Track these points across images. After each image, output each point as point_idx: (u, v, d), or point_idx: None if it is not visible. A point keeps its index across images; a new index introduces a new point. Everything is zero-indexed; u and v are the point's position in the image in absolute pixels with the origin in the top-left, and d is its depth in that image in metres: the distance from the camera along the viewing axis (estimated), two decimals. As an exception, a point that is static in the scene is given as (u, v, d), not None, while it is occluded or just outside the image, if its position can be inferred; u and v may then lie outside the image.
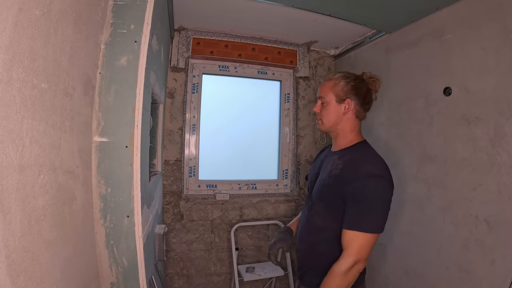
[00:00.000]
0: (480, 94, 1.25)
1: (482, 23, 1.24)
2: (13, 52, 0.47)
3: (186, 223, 2.06)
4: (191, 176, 2.14)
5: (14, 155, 0.49)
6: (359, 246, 0.93)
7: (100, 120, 0.87)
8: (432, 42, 1.49)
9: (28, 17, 0.51)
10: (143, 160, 0.94)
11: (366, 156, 1.02)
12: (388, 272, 1.71)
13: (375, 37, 1.89)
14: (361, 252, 0.93)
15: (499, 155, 1.16)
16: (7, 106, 0.46)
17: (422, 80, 1.54)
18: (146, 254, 0.95)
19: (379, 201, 0.94)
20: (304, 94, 2.36)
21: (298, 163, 2.35)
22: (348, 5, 1.53)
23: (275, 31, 2.07)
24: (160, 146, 1.72)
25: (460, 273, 1.28)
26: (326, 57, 2.42)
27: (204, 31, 2.06)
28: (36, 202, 0.55)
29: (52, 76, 0.61)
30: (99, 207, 0.87)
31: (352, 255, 0.93)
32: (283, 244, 1.21)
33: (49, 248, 0.60)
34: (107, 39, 0.90)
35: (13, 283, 0.47)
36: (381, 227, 0.94)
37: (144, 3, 0.93)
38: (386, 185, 0.96)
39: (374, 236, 0.93)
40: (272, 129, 2.38)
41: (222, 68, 2.20)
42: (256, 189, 2.29)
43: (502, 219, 1.14)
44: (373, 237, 0.93)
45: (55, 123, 0.63)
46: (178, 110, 2.07)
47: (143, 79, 0.90)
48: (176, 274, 2.07)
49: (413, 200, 1.56)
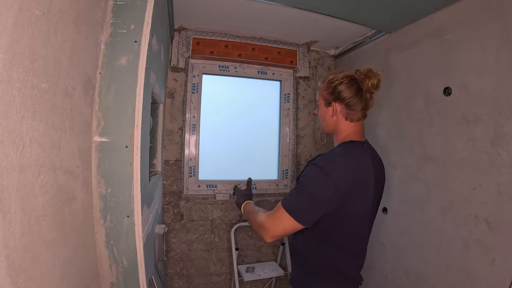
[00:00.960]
0: (480, 94, 1.25)
1: (482, 23, 1.24)
2: (13, 52, 0.47)
3: (186, 223, 2.06)
4: (191, 176, 2.14)
5: (14, 155, 0.49)
6: (274, 215, 0.97)
7: (100, 120, 0.87)
8: (432, 42, 1.49)
9: (28, 17, 0.51)
10: (143, 160, 0.94)
11: (328, 152, 1.01)
12: (388, 272, 1.71)
13: (375, 37, 1.89)
14: (271, 220, 0.97)
15: (499, 155, 1.16)
16: (7, 106, 0.46)
17: (422, 80, 1.54)
18: (146, 254, 0.95)
19: (305, 187, 0.93)
20: (304, 94, 2.36)
21: (298, 163, 2.35)
22: (348, 5, 1.53)
23: (275, 31, 2.07)
24: (160, 146, 1.72)
25: (460, 273, 1.28)
26: (326, 57, 2.42)
27: (204, 31, 2.06)
28: (36, 202, 0.55)
29: (52, 76, 0.61)
30: (99, 207, 0.87)
31: (267, 219, 0.98)
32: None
33: (49, 248, 0.60)
34: (107, 39, 0.90)
35: (13, 283, 0.47)
36: (297, 212, 0.91)
37: (144, 3, 0.93)
38: (321, 177, 0.91)
39: (288, 217, 0.92)
40: (272, 129, 2.37)
41: (222, 68, 2.20)
42: (256, 189, 2.29)
43: (502, 219, 1.14)
44: (287, 217, 0.92)
45: (55, 123, 0.63)
46: (178, 110, 2.07)
47: (143, 79, 0.90)
48: (176, 274, 2.07)
49: (413, 200, 1.56)
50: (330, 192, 0.90)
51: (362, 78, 1.01)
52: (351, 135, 1.04)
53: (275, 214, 0.96)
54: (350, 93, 1.01)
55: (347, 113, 1.03)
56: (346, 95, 1.01)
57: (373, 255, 1.77)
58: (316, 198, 0.92)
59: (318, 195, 0.91)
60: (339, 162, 0.94)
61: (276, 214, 0.96)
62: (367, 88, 1.00)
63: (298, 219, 0.91)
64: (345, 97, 1.01)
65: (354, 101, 1.01)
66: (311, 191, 0.92)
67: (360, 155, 1.00)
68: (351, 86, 1.01)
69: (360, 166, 0.97)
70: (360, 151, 1.02)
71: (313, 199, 0.92)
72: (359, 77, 1.02)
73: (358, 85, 1.02)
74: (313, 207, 0.92)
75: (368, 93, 1.02)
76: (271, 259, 2.25)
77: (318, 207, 0.92)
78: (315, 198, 0.92)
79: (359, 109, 1.02)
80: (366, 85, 1.00)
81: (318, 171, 0.92)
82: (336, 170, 0.91)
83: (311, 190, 0.92)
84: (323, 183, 0.91)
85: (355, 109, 1.02)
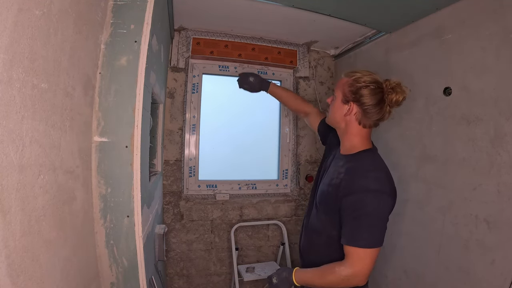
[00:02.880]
0: (480, 94, 1.25)
1: (482, 23, 1.24)
2: (13, 52, 0.47)
3: (186, 223, 2.06)
4: (191, 176, 2.14)
5: (14, 155, 0.49)
6: (358, 259, 0.91)
7: (100, 120, 0.87)
8: (432, 42, 1.49)
9: (28, 17, 0.51)
10: (143, 160, 0.94)
11: (364, 169, 0.97)
12: (388, 272, 1.71)
13: (375, 37, 1.89)
14: (360, 264, 0.90)
15: (499, 155, 1.16)
16: (7, 106, 0.46)
17: (422, 80, 1.54)
18: (146, 254, 0.95)
19: (376, 216, 0.91)
20: (304, 94, 2.36)
21: (298, 163, 2.35)
22: (348, 5, 1.53)
23: (275, 31, 2.07)
24: (160, 146, 1.72)
25: (460, 273, 1.28)
26: (326, 57, 2.41)
27: (204, 31, 2.06)
28: (36, 202, 0.55)
29: (52, 76, 0.61)
30: (99, 207, 0.87)
31: (353, 267, 0.91)
32: None
33: (49, 248, 0.60)
34: (107, 39, 0.90)
35: (13, 283, 0.47)
36: (379, 241, 0.91)
37: (144, 3, 0.93)
38: (383, 199, 0.91)
39: (373, 251, 0.90)
40: (272, 129, 2.37)
41: (222, 68, 2.20)
42: (256, 189, 2.29)
43: (502, 219, 1.14)
44: (372, 251, 0.90)
45: (55, 123, 0.63)
46: (178, 110, 2.07)
47: (143, 79, 0.90)
48: (176, 274, 2.07)
49: (413, 200, 1.56)
50: (392, 205, 0.94)
51: (389, 90, 0.97)
52: (365, 142, 1.03)
53: (358, 257, 0.91)
54: (371, 101, 0.97)
55: (361, 117, 1.00)
56: (367, 101, 0.98)
57: (373, 255, 1.77)
58: (385, 218, 0.94)
59: (387, 215, 0.94)
60: (383, 176, 0.95)
61: (359, 257, 0.91)
62: (389, 102, 0.97)
63: (380, 245, 0.92)
64: (365, 103, 0.98)
65: (372, 110, 0.98)
66: (379, 217, 0.92)
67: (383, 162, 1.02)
68: (375, 94, 0.97)
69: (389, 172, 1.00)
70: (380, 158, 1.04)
71: (383, 221, 0.93)
72: (386, 87, 0.98)
73: (383, 95, 0.97)
74: (385, 226, 0.93)
75: (389, 106, 0.98)
76: (271, 259, 2.25)
77: (386, 223, 0.94)
78: (384, 218, 0.93)
79: (374, 119, 1.00)
80: (390, 99, 0.97)
81: (375, 195, 0.91)
82: (386, 184, 0.94)
83: (380, 216, 0.92)
84: (386, 202, 0.92)
85: (371, 118, 1.00)
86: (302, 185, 2.33)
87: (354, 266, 0.91)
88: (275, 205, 2.24)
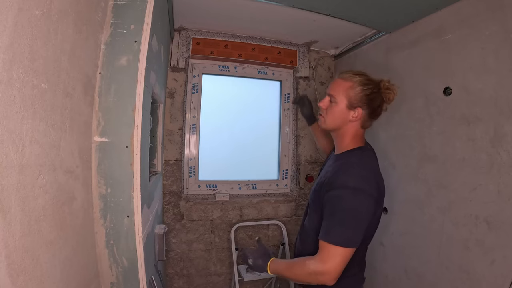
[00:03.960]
0: (480, 94, 1.25)
1: (482, 23, 1.24)
2: (13, 52, 0.47)
3: (186, 223, 2.06)
4: (191, 176, 2.14)
5: (14, 155, 0.49)
6: (328, 256, 0.87)
7: (100, 120, 0.87)
8: (432, 42, 1.49)
9: (28, 17, 0.51)
10: (143, 160, 0.94)
11: (348, 165, 0.96)
12: (388, 272, 1.71)
13: (375, 37, 1.89)
14: (329, 262, 0.86)
15: (499, 155, 1.16)
16: (7, 106, 0.46)
17: (422, 80, 1.54)
18: (146, 254, 0.95)
19: (350, 214, 0.88)
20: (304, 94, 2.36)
21: (298, 163, 2.35)
22: (348, 5, 1.53)
23: (275, 31, 2.07)
24: (160, 146, 1.72)
25: (460, 273, 1.28)
26: (326, 57, 2.42)
27: (204, 31, 2.06)
28: (36, 202, 0.55)
29: (52, 76, 0.61)
30: (99, 207, 0.87)
31: (322, 263, 0.88)
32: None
33: (49, 248, 0.60)
34: (107, 39, 0.90)
35: (13, 283, 0.47)
36: (351, 241, 0.87)
37: (144, 3, 0.93)
38: (360, 198, 0.89)
39: (345, 250, 0.86)
40: (272, 129, 2.37)
41: (222, 68, 2.20)
42: (256, 189, 2.29)
43: (502, 219, 1.14)
44: (343, 251, 0.86)
45: (55, 123, 0.63)
46: (178, 110, 2.07)
47: (143, 79, 0.90)
48: (176, 274, 2.07)
49: (413, 200, 1.56)
50: (371, 206, 0.91)
51: (386, 90, 0.99)
52: (358, 141, 1.03)
53: (328, 253, 0.88)
54: (377, 103, 0.99)
55: (366, 120, 1.00)
56: (374, 105, 0.98)
57: (373, 255, 1.77)
58: (362, 218, 0.90)
59: (364, 215, 0.90)
60: (365, 174, 0.93)
61: (329, 254, 0.87)
62: (387, 100, 0.99)
63: (353, 245, 0.88)
64: (374, 106, 0.98)
65: (377, 112, 1.00)
66: (355, 215, 0.88)
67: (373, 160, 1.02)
68: (378, 96, 0.99)
69: (377, 171, 0.99)
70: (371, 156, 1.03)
71: (359, 220, 0.89)
72: (383, 87, 0.99)
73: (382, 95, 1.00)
74: (361, 227, 0.90)
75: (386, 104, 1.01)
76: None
77: (364, 224, 0.90)
78: (361, 218, 0.89)
79: (375, 119, 1.02)
80: (388, 98, 0.99)
81: (353, 192, 0.89)
82: (367, 183, 0.91)
83: (355, 214, 0.88)
84: (363, 201, 0.89)
85: (374, 119, 1.01)
86: (302, 185, 2.33)
87: (323, 262, 0.88)
88: (275, 205, 2.24)
